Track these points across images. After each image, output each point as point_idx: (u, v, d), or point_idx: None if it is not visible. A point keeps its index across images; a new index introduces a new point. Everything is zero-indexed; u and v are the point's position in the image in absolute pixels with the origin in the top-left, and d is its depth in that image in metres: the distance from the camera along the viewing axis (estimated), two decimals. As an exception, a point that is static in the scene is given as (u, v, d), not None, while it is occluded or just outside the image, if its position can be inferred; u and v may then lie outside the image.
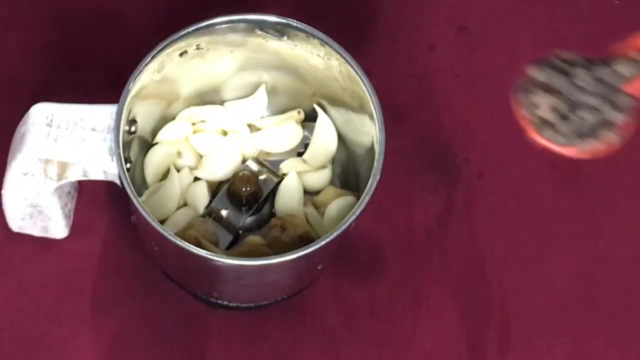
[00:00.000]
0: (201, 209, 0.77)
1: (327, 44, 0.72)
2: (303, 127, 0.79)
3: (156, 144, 0.78)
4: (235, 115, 0.79)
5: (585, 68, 0.46)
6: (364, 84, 0.71)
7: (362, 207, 0.68)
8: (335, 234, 0.68)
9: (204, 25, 0.72)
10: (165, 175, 0.78)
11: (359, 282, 0.80)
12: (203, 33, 0.72)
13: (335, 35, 0.72)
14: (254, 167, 0.78)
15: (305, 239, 0.73)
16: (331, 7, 0.91)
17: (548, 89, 0.47)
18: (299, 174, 0.78)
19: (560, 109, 0.47)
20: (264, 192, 0.77)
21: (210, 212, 0.76)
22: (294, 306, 0.79)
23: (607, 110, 0.46)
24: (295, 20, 0.72)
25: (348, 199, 0.76)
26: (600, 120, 0.46)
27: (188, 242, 0.67)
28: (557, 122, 0.47)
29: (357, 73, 0.72)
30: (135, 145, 0.76)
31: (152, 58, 0.71)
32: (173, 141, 0.78)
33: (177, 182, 0.76)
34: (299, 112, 0.79)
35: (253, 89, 0.80)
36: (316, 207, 0.77)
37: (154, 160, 0.78)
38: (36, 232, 0.78)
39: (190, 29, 0.72)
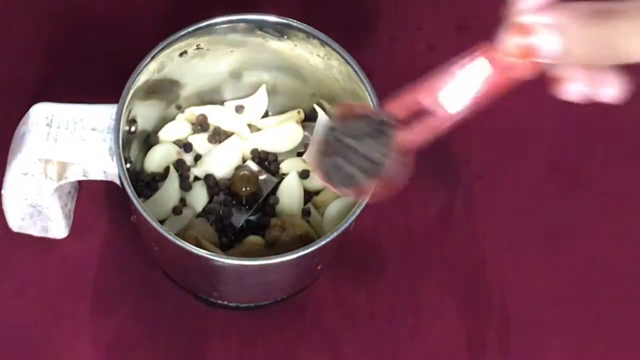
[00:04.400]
0: (201, 209, 0.77)
1: (327, 44, 0.72)
2: (303, 127, 0.79)
3: (156, 144, 0.78)
4: (235, 115, 0.79)
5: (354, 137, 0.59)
6: (363, 84, 0.71)
7: (362, 207, 0.68)
8: (335, 234, 0.67)
9: (204, 25, 0.72)
10: (165, 175, 0.78)
11: (359, 282, 0.80)
12: (203, 33, 0.72)
13: (335, 35, 0.72)
14: (254, 167, 0.78)
15: (305, 239, 0.73)
16: (331, 7, 0.91)
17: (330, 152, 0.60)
18: (299, 174, 0.78)
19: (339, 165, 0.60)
20: (264, 192, 0.77)
21: (210, 212, 0.76)
22: (294, 306, 0.79)
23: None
24: (295, 20, 0.72)
25: (348, 199, 0.76)
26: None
27: (188, 242, 0.67)
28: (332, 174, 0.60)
29: (357, 73, 0.72)
30: (135, 145, 0.76)
31: (152, 58, 0.71)
32: (173, 141, 0.78)
33: (177, 182, 0.77)
34: (299, 112, 0.79)
35: (253, 89, 0.80)
36: (316, 207, 0.77)
37: (154, 161, 0.78)
38: (36, 232, 0.78)
39: (190, 29, 0.72)
